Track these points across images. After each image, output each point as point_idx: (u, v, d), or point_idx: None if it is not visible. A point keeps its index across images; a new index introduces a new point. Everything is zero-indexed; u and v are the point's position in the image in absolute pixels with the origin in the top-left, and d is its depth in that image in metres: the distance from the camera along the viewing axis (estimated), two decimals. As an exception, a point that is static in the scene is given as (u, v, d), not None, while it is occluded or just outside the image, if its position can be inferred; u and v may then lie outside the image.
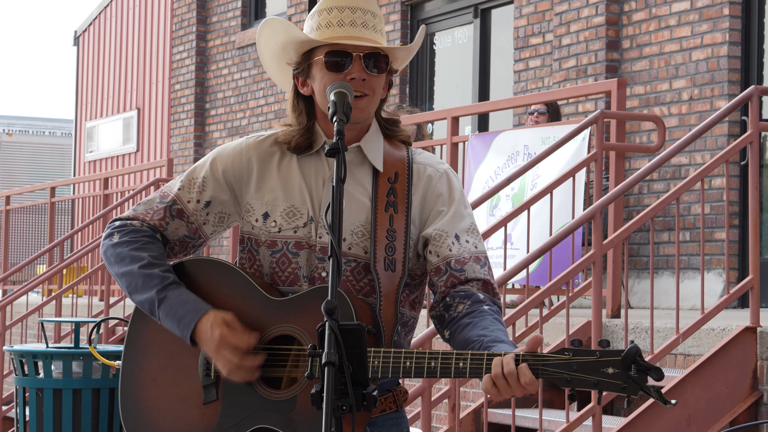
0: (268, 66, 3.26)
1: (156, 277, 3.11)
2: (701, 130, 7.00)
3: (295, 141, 3.15)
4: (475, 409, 7.32)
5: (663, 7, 9.68)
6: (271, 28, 3.17)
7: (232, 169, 3.19)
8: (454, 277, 3.09)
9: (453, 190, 3.17)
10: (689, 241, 9.23)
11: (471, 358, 2.85)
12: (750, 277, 6.83)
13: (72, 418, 7.43)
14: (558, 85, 10.37)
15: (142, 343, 3.18)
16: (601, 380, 2.76)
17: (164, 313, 3.08)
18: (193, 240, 3.23)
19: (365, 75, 3.08)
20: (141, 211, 3.22)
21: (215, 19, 15.90)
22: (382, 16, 3.19)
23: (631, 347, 2.74)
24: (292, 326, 3.03)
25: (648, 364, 2.74)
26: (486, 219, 8.40)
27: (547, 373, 2.79)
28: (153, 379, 3.15)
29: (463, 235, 3.13)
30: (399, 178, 3.16)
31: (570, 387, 2.79)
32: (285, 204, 3.14)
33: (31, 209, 17.93)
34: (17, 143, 28.09)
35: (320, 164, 3.16)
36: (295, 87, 3.18)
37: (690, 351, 6.86)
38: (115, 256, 3.17)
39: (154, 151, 17.31)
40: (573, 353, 2.78)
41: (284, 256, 3.12)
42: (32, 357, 7.52)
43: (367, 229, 3.10)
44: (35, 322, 13.04)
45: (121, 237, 3.18)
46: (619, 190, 6.95)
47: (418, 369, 2.88)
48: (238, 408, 3.04)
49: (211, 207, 3.20)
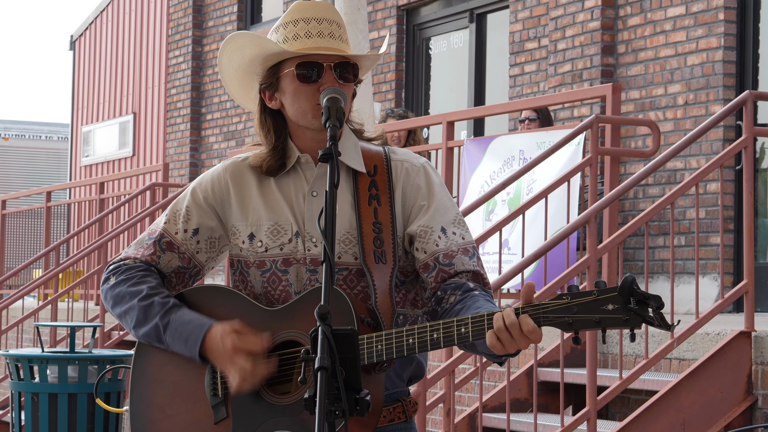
0: (230, 83, 3.24)
1: (156, 305, 3.12)
2: (696, 135, 7.02)
3: (266, 164, 3.15)
4: (470, 413, 7.32)
5: (658, 12, 9.69)
6: (237, 43, 3.16)
7: (212, 195, 3.19)
8: (444, 272, 3.08)
9: (431, 183, 3.17)
10: (684, 245, 9.24)
11: (472, 321, 2.85)
12: (745, 281, 6.84)
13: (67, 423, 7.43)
14: (553, 89, 10.38)
15: (146, 381, 3.18)
16: (603, 317, 2.77)
17: (170, 337, 3.09)
18: (189, 270, 3.23)
19: (336, 84, 3.08)
20: (132, 251, 3.24)
21: (211, 24, 15.91)
22: (345, 27, 3.19)
23: (626, 278, 2.76)
24: (293, 331, 3.03)
25: (646, 293, 2.76)
26: (482, 224, 8.41)
27: (548, 320, 2.80)
28: (162, 411, 3.15)
29: (449, 227, 3.12)
30: (378, 170, 3.17)
31: (572, 330, 2.80)
32: (269, 222, 3.14)
33: (27, 213, 17.93)
34: (13, 147, 28.08)
35: (298, 179, 3.16)
36: (261, 103, 3.18)
37: (685, 355, 6.87)
38: (113, 297, 3.18)
39: (150, 155, 17.31)
40: (571, 297, 2.79)
41: (274, 275, 3.13)
42: (28, 361, 7.52)
43: (353, 235, 3.10)
44: (31, 327, 13.04)
45: (117, 278, 3.19)
46: (614, 195, 6.96)
47: (421, 343, 2.87)
48: (249, 420, 3.04)
49: (199, 234, 3.20)
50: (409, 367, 3.16)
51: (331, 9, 3.16)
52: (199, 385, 3.12)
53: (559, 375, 6.78)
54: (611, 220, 7.44)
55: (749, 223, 6.90)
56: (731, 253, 8.93)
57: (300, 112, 3.11)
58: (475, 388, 7.79)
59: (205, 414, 3.10)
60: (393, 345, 2.89)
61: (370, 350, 2.89)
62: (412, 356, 3.15)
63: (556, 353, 7.29)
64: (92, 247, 12.04)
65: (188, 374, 3.12)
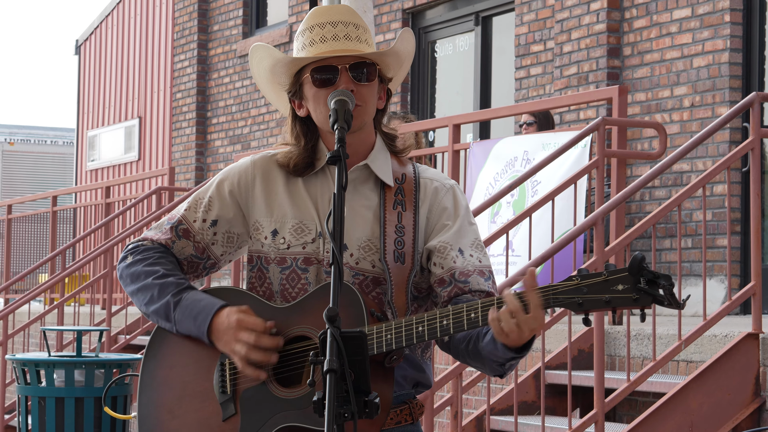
0: (267, 93, 3.28)
1: (171, 285, 3.14)
2: (702, 137, 7.01)
3: (293, 162, 3.16)
4: (478, 416, 7.31)
5: (664, 14, 9.69)
6: (257, 56, 3.20)
7: (238, 188, 3.20)
8: (458, 288, 3.10)
9: (458, 206, 3.18)
10: (691, 247, 9.23)
11: (482, 306, 2.87)
12: (752, 283, 6.83)
13: (74, 427, 7.43)
14: (559, 92, 10.38)
15: (155, 384, 3.19)
16: (613, 297, 2.79)
17: (180, 314, 3.11)
18: (202, 260, 3.24)
19: (353, 86, 3.07)
20: (151, 233, 3.26)
21: (216, 28, 15.92)
22: (367, 27, 3.18)
23: (635, 256, 2.78)
24: (303, 326, 3.04)
25: (655, 272, 2.79)
26: (487, 226, 8.41)
27: (558, 300, 2.82)
28: (170, 411, 3.15)
29: (467, 249, 3.14)
30: (407, 179, 3.18)
31: (582, 310, 2.81)
32: (294, 220, 3.14)
33: (33, 218, 17.94)
34: (19, 152, 28.10)
35: (326, 181, 3.17)
36: (292, 111, 3.19)
37: (692, 357, 6.86)
38: (129, 275, 3.21)
39: (156, 159, 17.32)
40: (581, 278, 2.82)
41: (293, 272, 3.13)
42: (34, 366, 7.52)
43: (374, 243, 3.11)
44: (37, 331, 13.05)
45: (134, 257, 3.22)
46: (621, 197, 6.95)
47: (431, 331, 2.89)
48: (258, 415, 3.04)
49: (218, 226, 3.21)
50: (416, 373, 3.16)
51: (348, 11, 3.15)
52: (208, 384, 3.12)
53: (566, 377, 6.78)
54: (618, 222, 7.43)
55: (756, 225, 6.89)
56: (738, 255, 8.92)
57: (321, 117, 3.12)
58: (483, 391, 7.78)
59: (214, 412, 3.10)
60: (402, 334, 2.90)
61: (379, 340, 2.91)
62: (417, 363, 3.15)
63: (563, 356, 7.28)
64: (98, 251, 12.04)
65: (197, 375, 3.12)
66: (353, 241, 3.09)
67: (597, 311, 2.82)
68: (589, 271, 2.83)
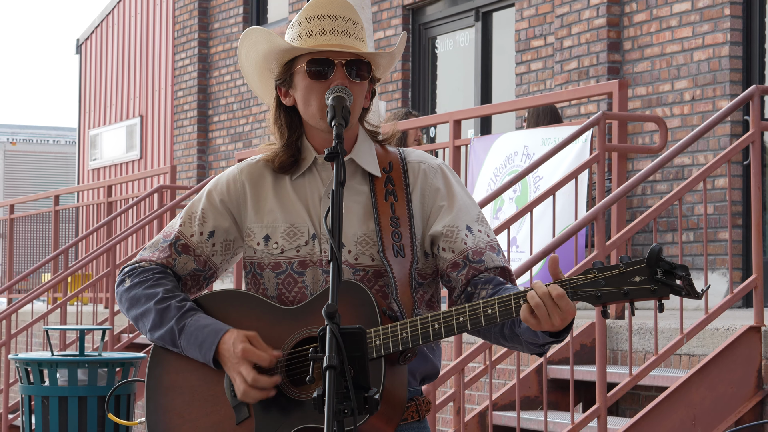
0: (250, 78, 3.24)
1: (172, 309, 3.10)
2: (703, 130, 7.01)
3: (278, 159, 3.14)
4: (480, 411, 7.31)
5: (664, 8, 9.68)
6: (251, 39, 3.17)
7: (228, 197, 3.18)
8: (474, 269, 3.08)
9: (450, 183, 3.16)
10: (692, 241, 9.23)
11: (499, 302, 2.86)
12: (754, 276, 6.83)
13: (78, 426, 7.44)
14: (560, 87, 10.38)
15: (162, 389, 3.16)
16: (631, 289, 2.79)
17: (185, 341, 3.08)
18: (204, 272, 3.22)
19: (347, 82, 3.06)
20: (147, 253, 3.22)
21: (217, 26, 15.92)
22: (363, 24, 3.17)
23: (652, 248, 2.77)
24: (313, 328, 3.02)
25: (673, 263, 2.78)
26: (490, 222, 8.41)
27: (576, 294, 2.82)
28: (180, 416, 3.13)
29: (474, 225, 3.12)
30: (394, 167, 3.16)
31: (601, 303, 2.82)
32: (285, 224, 3.13)
33: (36, 218, 17.95)
34: (21, 152, 28.12)
35: (314, 181, 3.15)
36: (277, 99, 3.17)
37: (694, 351, 6.86)
38: (129, 300, 3.17)
39: (158, 158, 17.33)
40: (598, 271, 2.82)
41: (289, 277, 3.12)
42: (37, 365, 7.53)
43: (370, 237, 3.09)
44: (40, 331, 13.06)
45: (132, 280, 3.17)
46: (622, 191, 6.95)
47: (447, 328, 2.88)
48: (272, 417, 3.02)
49: (215, 237, 3.19)
50: (423, 366, 3.15)
51: (346, 6, 3.13)
52: (218, 388, 3.10)
53: (568, 372, 6.78)
54: (619, 216, 7.43)
55: (757, 218, 6.88)
56: (740, 248, 8.91)
57: (309, 110, 3.10)
58: (485, 387, 7.79)
59: (226, 416, 3.08)
60: (419, 331, 2.89)
61: (395, 338, 2.90)
62: (426, 355, 3.15)
63: (565, 350, 7.28)
64: (101, 250, 12.05)
65: (205, 379, 3.11)
66: (349, 238, 3.08)
67: (615, 303, 2.82)
68: (604, 264, 2.83)
